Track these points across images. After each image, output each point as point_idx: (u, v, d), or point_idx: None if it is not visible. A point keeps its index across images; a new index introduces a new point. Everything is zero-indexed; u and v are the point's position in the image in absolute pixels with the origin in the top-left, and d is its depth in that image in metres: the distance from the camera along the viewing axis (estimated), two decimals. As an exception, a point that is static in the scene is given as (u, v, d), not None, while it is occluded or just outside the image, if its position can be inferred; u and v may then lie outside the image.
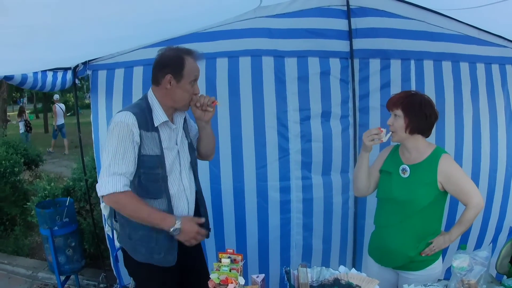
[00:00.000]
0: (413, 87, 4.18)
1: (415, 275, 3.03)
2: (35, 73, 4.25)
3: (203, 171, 3.53)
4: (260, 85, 4.21)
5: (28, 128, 18.22)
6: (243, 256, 2.76)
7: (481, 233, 4.54)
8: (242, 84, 4.20)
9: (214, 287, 2.50)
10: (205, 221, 3.06)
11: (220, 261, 2.68)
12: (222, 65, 4.18)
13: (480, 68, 4.35)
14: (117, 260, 4.35)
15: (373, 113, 4.29)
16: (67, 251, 4.97)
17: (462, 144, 4.39)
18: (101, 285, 5.41)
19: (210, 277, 2.53)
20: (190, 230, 2.73)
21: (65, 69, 4.46)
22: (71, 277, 5.35)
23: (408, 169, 3.02)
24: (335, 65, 4.21)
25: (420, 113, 2.93)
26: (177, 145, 2.87)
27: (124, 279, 4.56)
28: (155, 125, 2.72)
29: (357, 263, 4.51)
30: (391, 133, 3.02)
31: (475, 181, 3.65)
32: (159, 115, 2.74)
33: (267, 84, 4.21)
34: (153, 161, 2.70)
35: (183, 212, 2.86)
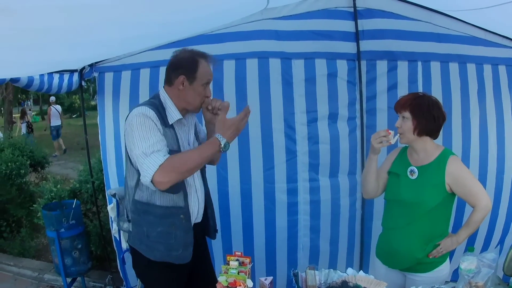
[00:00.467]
0: (420, 88, 4.18)
1: (422, 277, 3.03)
2: (41, 75, 4.26)
3: (210, 173, 3.53)
4: (267, 87, 4.21)
5: (29, 129, 18.38)
6: (251, 258, 2.76)
7: (488, 235, 4.53)
8: (249, 86, 4.20)
9: (222, 290, 2.50)
10: (212, 223, 3.09)
11: (228, 264, 2.68)
12: (229, 67, 4.18)
13: (487, 69, 4.34)
14: (123, 262, 4.36)
15: (380, 114, 4.29)
16: (73, 253, 4.98)
17: (469, 146, 4.38)
18: (108, 287, 5.42)
19: (218, 279, 2.53)
20: (233, 127, 2.69)
21: (72, 71, 4.47)
22: (78, 279, 5.37)
23: (416, 170, 3.02)
24: (342, 66, 4.21)
25: (428, 115, 2.92)
26: (189, 145, 2.88)
27: (130, 281, 4.57)
28: (169, 123, 2.72)
29: (364, 265, 4.51)
30: (399, 135, 3.02)
31: (482, 182, 3.64)
32: (173, 113, 2.75)
33: (274, 86, 4.21)
34: None
35: (194, 211, 2.85)
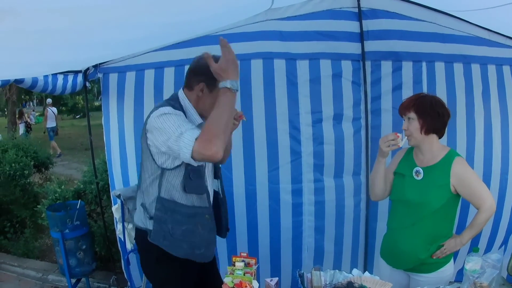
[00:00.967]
0: (424, 89, 4.16)
1: (426, 278, 3.04)
2: (45, 76, 4.27)
3: (215, 174, 3.53)
4: (272, 87, 4.21)
5: (28, 129, 19.03)
6: (256, 259, 2.77)
7: (492, 235, 4.51)
8: (254, 87, 4.20)
9: (228, 291, 2.50)
10: (224, 222, 3.17)
11: (233, 265, 2.69)
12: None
13: (491, 69, 4.32)
14: (128, 262, 4.38)
15: (385, 115, 4.28)
16: (78, 254, 4.99)
17: (473, 146, 4.37)
18: (112, 288, 5.43)
19: (224, 281, 2.52)
20: (230, 65, 2.57)
21: (76, 72, 4.47)
22: (82, 279, 5.38)
23: (421, 171, 3.02)
24: (347, 67, 4.21)
25: (432, 112, 2.94)
26: None
27: (135, 282, 4.58)
28: None
29: (368, 265, 4.51)
30: (407, 137, 3.02)
31: (486, 183, 3.64)
32: (193, 117, 2.77)
33: (279, 87, 4.21)
34: None
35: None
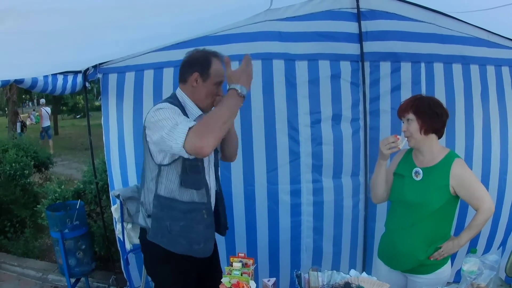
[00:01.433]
0: (423, 89, 4.17)
1: (423, 279, 3.04)
2: (45, 76, 4.28)
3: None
4: (270, 88, 4.22)
5: (23, 128, 19.30)
6: (254, 260, 2.77)
7: (491, 236, 4.52)
8: (253, 88, 4.13)
9: (225, 291, 2.50)
10: (223, 220, 3.16)
11: (231, 265, 2.69)
12: (233, 68, 4.17)
13: (490, 70, 4.33)
14: (127, 262, 4.38)
15: (383, 116, 4.28)
16: (77, 253, 5.00)
17: (472, 147, 4.37)
18: (111, 288, 5.44)
19: (222, 281, 2.53)
20: (243, 74, 2.68)
21: (76, 73, 4.49)
22: (82, 279, 5.38)
23: (421, 172, 3.02)
24: (345, 68, 4.21)
25: (430, 112, 2.94)
26: None
27: (134, 282, 4.58)
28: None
29: (367, 266, 4.51)
30: (406, 138, 3.03)
31: (485, 183, 3.64)
32: (193, 110, 2.79)
33: (277, 88, 4.22)
34: None
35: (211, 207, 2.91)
